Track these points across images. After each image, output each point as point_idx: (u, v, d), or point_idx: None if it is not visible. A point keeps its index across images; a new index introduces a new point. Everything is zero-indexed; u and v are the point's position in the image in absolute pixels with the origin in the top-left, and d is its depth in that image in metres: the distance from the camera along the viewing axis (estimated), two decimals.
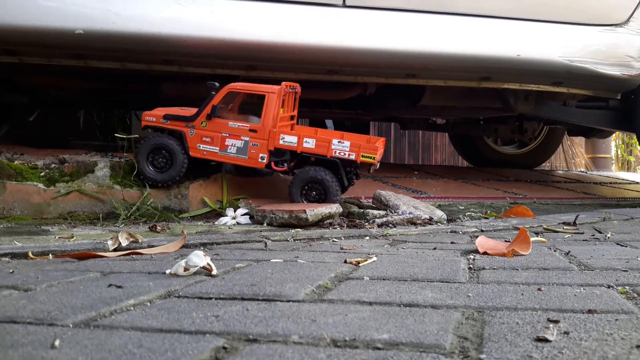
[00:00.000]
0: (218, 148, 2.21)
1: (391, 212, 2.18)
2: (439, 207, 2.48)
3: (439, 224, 2.07)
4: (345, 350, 0.60)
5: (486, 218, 2.28)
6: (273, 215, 2.01)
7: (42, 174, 2.20)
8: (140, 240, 1.45)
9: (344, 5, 2.63)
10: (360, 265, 1.16)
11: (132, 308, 0.78)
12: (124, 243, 1.40)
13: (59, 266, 1.14)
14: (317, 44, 2.63)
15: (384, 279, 1.01)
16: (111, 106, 4.23)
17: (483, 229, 1.89)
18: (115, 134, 2.40)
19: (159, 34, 2.50)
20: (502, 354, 0.59)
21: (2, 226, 1.87)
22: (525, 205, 2.53)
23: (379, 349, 0.61)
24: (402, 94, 3.46)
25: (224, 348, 0.61)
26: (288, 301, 0.83)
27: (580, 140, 7.12)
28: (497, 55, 2.75)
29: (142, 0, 2.53)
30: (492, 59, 2.75)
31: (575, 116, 3.43)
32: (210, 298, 0.85)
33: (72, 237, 1.60)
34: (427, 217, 2.12)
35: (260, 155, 2.19)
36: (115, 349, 0.60)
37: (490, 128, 4.20)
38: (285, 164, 2.21)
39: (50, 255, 1.30)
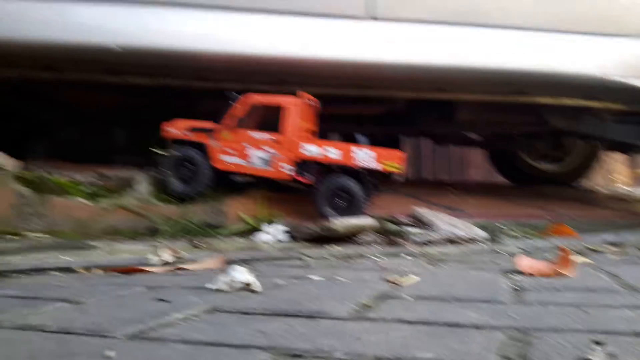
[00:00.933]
0: (241, 159, 2.23)
1: (429, 230, 2.17)
2: (478, 225, 2.46)
3: (479, 243, 2.05)
4: None
5: (527, 237, 2.25)
6: (304, 229, 2.03)
7: (85, 189, 2.26)
8: (182, 256, 1.48)
9: (373, 19, 2.64)
10: (400, 284, 1.16)
11: (179, 322, 0.80)
12: (168, 258, 1.43)
13: (106, 280, 1.18)
14: (344, 58, 2.64)
15: (424, 298, 1.01)
16: (149, 121, 4.33)
17: (524, 248, 1.87)
18: (153, 150, 2.47)
19: (194, 50, 2.55)
20: None
21: (49, 241, 1.93)
22: (567, 224, 2.48)
23: None
24: (435, 108, 3.45)
25: None
26: (330, 318, 0.84)
27: (621, 157, 6.96)
28: (530, 69, 2.72)
29: (176, 17, 2.59)
30: (526, 72, 2.71)
31: (612, 131, 3.35)
32: (254, 313, 0.87)
33: (117, 252, 1.65)
34: (467, 235, 2.10)
35: (285, 166, 2.21)
36: None
37: (526, 143, 4.14)
38: (310, 175, 2.23)
39: (97, 269, 1.34)
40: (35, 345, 0.66)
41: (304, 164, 2.22)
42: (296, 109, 2.21)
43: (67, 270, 1.32)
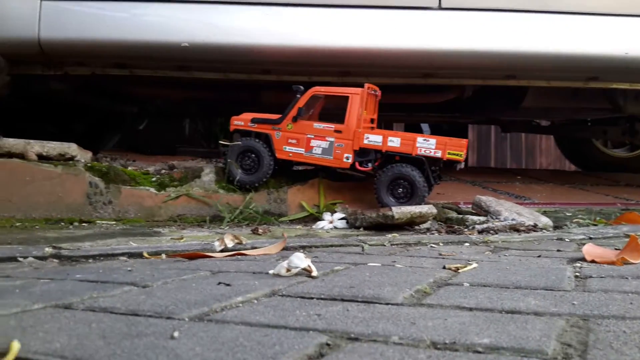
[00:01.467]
0: (303, 149, 2.26)
1: (492, 218, 2.13)
2: (544, 213, 2.39)
3: (544, 231, 2.00)
4: (445, 353, 0.61)
5: (595, 225, 2.18)
6: (363, 216, 2.04)
7: (154, 179, 2.35)
8: (244, 242, 1.52)
9: (440, 8, 2.61)
10: (459, 271, 1.15)
11: (240, 305, 0.83)
12: (230, 244, 1.47)
13: (171, 265, 1.22)
14: (412, 47, 2.62)
15: (484, 286, 1.00)
16: (214, 114, 4.44)
17: (591, 236, 1.81)
18: (219, 141, 2.53)
19: (258, 44, 2.60)
20: None
21: (118, 228, 2.01)
22: (638, 212, 2.38)
23: (479, 352, 0.61)
24: (503, 95, 3.37)
25: (327, 344, 0.64)
26: (387, 304, 0.85)
27: None
28: (604, 54, 2.62)
29: (240, 13, 2.64)
30: (599, 57, 2.61)
31: None
32: (312, 298, 0.88)
33: (182, 238, 1.71)
34: (531, 223, 2.05)
35: (345, 155, 2.22)
36: (228, 341, 0.64)
37: (598, 130, 3.99)
38: (370, 164, 2.23)
39: (163, 255, 1.39)
40: (105, 326, 0.70)
41: (365, 153, 2.23)
42: (359, 98, 2.22)
43: (135, 255, 1.38)
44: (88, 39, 2.58)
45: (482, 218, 2.14)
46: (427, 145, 2.16)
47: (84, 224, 2.09)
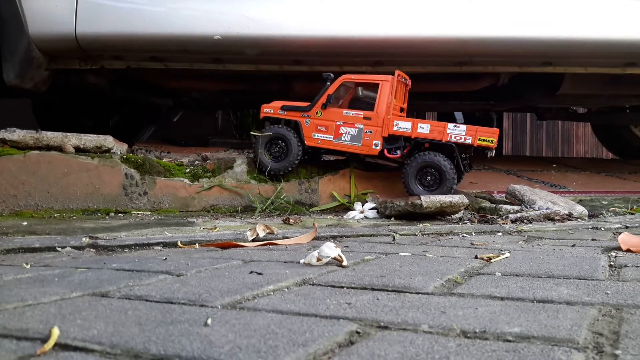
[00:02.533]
0: (332, 136, 2.27)
1: (526, 208, 2.11)
2: (580, 202, 2.35)
3: (579, 220, 1.97)
4: (475, 341, 0.61)
5: (632, 214, 2.13)
6: (392, 205, 2.04)
7: (187, 170, 2.38)
8: (275, 232, 1.54)
9: None
10: (491, 261, 1.15)
11: (272, 293, 0.85)
12: (261, 234, 1.49)
13: (204, 254, 1.25)
14: (446, 35, 2.59)
15: (516, 275, 0.99)
16: (246, 106, 4.47)
17: (628, 225, 1.77)
18: (251, 132, 2.55)
19: (290, 36, 2.60)
20: (639, 351, 0.57)
21: (153, 218, 2.05)
22: None
23: (509, 341, 0.61)
24: (539, 82, 3.31)
25: (357, 332, 0.65)
26: (417, 293, 0.85)
27: None
28: None
29: (273, 4, 2.65)
30: (636, 43, 2.55)
31: None
32: (342, 287, 0.89)
33: (215, 228, 1.73)
34: (566, 212, 2.02)
35: (374, 142, 2.22)
36: (260, 328, 0.65)
37: (637, 117, 3.89)
38: (399, 151, 2.22)
39: (196, 244, 1.42)
40: (141, 313, 0.72)
41: (394, 140, 2.22)
42: (389, 85, 2.22)
43: (169, 245, 1.41)
44: (123, 33, 2.62)
45: (515, 207, 2.12)
46: (457, 132, 2.14)
47: (119, 215, 2.13)
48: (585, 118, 4.34)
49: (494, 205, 2.20)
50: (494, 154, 2.20)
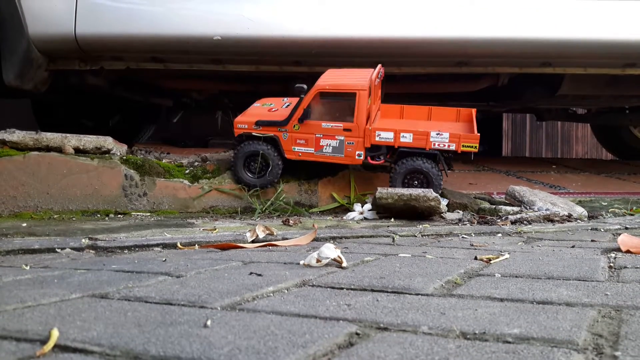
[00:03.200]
0: (313, 149, 2.20)
1: (526, 209, 2.11)
2: (579, 203, 2.35)
3: (578, 221, 1.97)
4: (475, 343, 0.61)
5: (631, 215, 2.13)
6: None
7: (187, 171, 2.38)
8: (275, 233, 1.54)
9: None
10: (491, 262, 1.15)
11: (271, 294, 0.85)
12: (261, 235, 1.49)
13: (204, 255, 1.25)
14: (446, 36, 2.60)
15: (516, 277, 0.99)
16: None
17: (627, 226, 1.77)
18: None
19: (290, 36, 2.61)
20: (639, 352, 0.57)
21: (153, 219, 2.05)
22: None
23: (509, 342, 0.61)
24: (538, 83, 3.32)
25: (357, 334, 0.65)
26: (417, 294, 0.85)
27: None
28: None
29: (272, 5, 2.65)
30: (636, 44, 2.55)
31: None
32: (342, 288, 0.89)
33: (215, 229, 1.73)
34: (566, 213, 2.02)
35: (357, 152, 2.17)
36: (259, 329, 0.65)
37: (637, 117, 3.90)
38: (382, 157, 2.20)
39: (196, 245, 1.42)
40: (140, 314, 0.72)
41: (376, 149, 2.20)
42: (366, 95, 2.14)
43: (169, 246, 1.41)
44: (123, 33, 2.62)
45: (515, 208, 2.12)
46: (440, 139, 2.11)
47: (119, 216, 2.13)
48: (585, 119, 4.35)
49: (494, 206, 2.20)
50: (472, 158, 2.21)
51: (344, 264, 1.07)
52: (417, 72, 2.85)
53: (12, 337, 0.62)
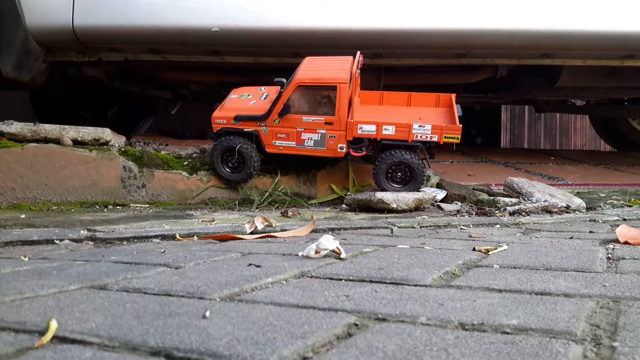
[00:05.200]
0: (294, 143, 2.18)
1: (524, 200, 2.11)
2: (578, 194, 2.36)
3: (577, 212, 1.97)
4: (473, 334, 0.61)
5: (629, 206, 2.13)
6: (355, 198, 2.08)
7: (186, 163, 2.38)
8: (274, 225, 1.54)
9: None
10: (489, 253, 1.15)
11: (270, 285, 0.85)
12: (260, 227, 1.49)
13: (203, 247, 1.25)
14: (445, 27, 2.59)
15: (514, 268, 0.99)
16: None
17: (625, 217, 1.78)
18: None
19: (288, 28, 2.60)
20: (637, 343, 0.57)
21: (151, 211, 2.05)
22: None
23: (507, 333, 0.61)
24: (537, 74, 3.31)
25: (355, 325, 0.65)
26: (415, 285, 0.85)
27: None
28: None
29: None
30: (635, 35, 2.55)
31: None
32: (340, 279, 0.89)
33: (213, 220, 1.73)
34: (564, 205, 2.02)
35: (339, 145, 2.15)
36: (258, 320, 0.65)
37: (635, 109, 3.90)
38: (364, 149, 2.20)
39: (195, 237, 1.42)
40: (139, 306, 0.72)
41: (359, 141, 2.19)
42: (347, 88, 2.11)
43: (167, 237, 1.41)
44: (121, 25, 2.61)
45: (513, 200, 2.12)
46: (422, 131, 2.10)
47: (118, 207, 2.13)
48: (584, 110, 4.35)
49: (492, 197, 2.21)
50: (454, 148, 2.19)
51: (343, 255, 1.08)
52: (416, 64, 2.84)
53: (11, 328, 0.62)
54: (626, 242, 1.25)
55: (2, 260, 1.08)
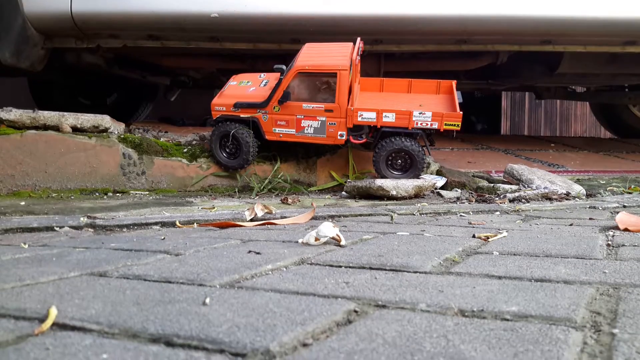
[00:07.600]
0: (294, 130, 2.17)
1: (524, 187, 2.11)
2: (578, 181, 2.35)
3: (576, 199, 1.97)
4: (473, 320, 0.61)
5: (629, 193, 2.13)
6: (355, 185, 2.07)
7: (185, 150, 2.38)
8: (273, 212, 1.54)
9: None
10: (489, 240, 1.15)
11: (270, 272, 0.85)
12: (260, 214, 1.49)
13: (203, 234, 1.25)
14: (446, 13, 2.57)
15: (514, 254, 0.99)
16: None
17: (625, 204, 1.77)
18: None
19: (288, 13, 2.58)
20: (637, 329, 0.57)
21: (151, 198, 2.05)
22: None
23: (507, 319, 0.61)
24: (538, 61, 3.30)
25: (355, 311, 0.65)
26: (415, 272, 0.85)
27: None
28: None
29: None
30: (637, 21, 2.53)
31: None
32: (340, 266, 0.89)
33: (213, 208, 1.73)
34: (564, 192, 2.02)
35: (339, 132, 2.15)
36: (258, 307, 0.65)
37: (636, 96, 3.88)
38: (364, 136, 2.19)
39: (195, 224, 1.42)
40: (139, 292, 0.72)
41: (359, 128, 2.18)
42: (347, 75, 2.10)
43: (167, 224, 1.41)
44: (119, 11, 2.60)
45: (513, 187, 2.12)
46: (423, 118, 2.09)
47: (117, 194, 2.13)
48: (584, 97, 4.33)
49: (492, 184, 2.20)
50: (454, 136, 2.20)
51: (343, 242, 1.08)
52: (417, 50, 2.83)
53: (11, 315, 0.62)
54: (626, 229, 1.25)
55: (2, 247, 1.08)
